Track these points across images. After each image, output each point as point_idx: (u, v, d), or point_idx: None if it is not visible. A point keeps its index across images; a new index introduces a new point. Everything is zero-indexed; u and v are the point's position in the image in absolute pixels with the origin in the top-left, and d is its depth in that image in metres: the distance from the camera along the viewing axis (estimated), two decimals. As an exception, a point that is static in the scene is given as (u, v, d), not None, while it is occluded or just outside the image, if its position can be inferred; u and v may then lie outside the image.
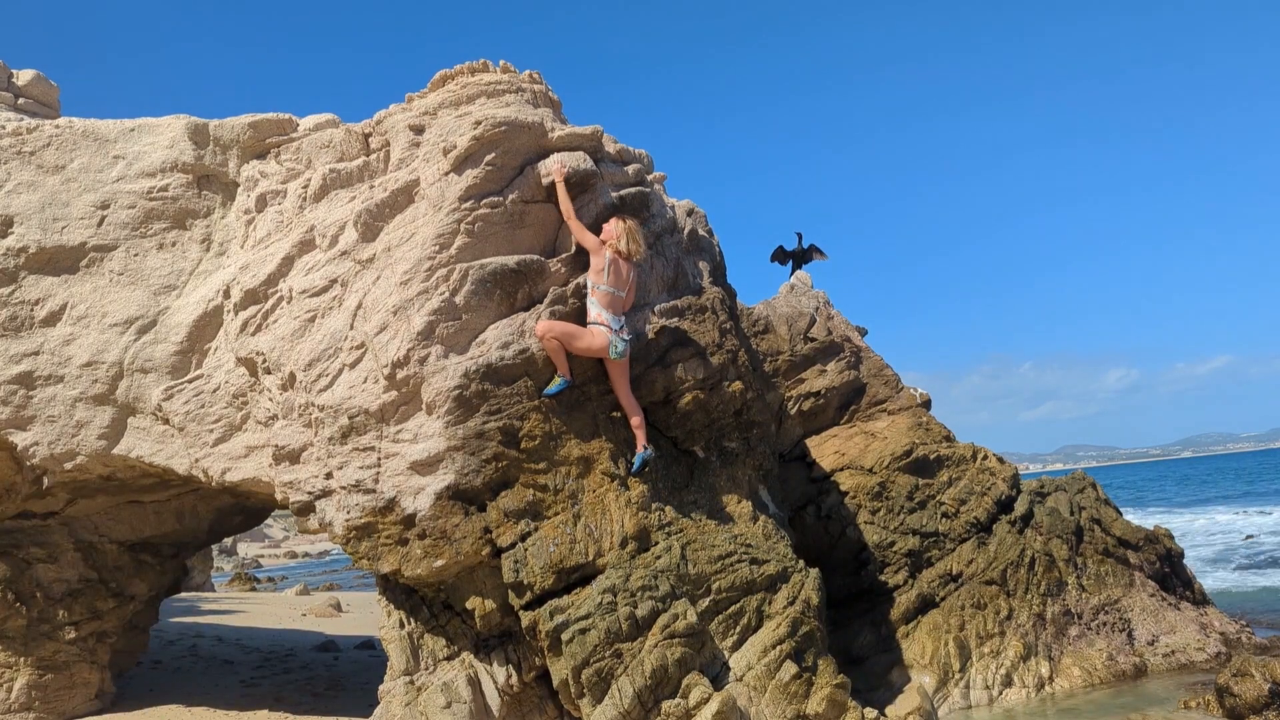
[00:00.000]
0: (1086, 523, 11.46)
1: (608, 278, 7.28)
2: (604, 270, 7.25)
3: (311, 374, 7.38)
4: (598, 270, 7.27)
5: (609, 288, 7.29)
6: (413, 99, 8.23)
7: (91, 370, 8.35)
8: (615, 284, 7.32)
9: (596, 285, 7.28)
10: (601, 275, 7.26)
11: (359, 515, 7.19)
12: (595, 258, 7.28)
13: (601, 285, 7.27)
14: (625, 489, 7.28)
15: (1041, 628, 10.24)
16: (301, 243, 7.95)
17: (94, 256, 8.47)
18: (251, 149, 8.68)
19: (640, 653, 6.65)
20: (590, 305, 7.28)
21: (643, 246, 7.51)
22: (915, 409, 12.20)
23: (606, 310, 7.25)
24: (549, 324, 7.14)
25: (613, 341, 7.21)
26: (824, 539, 10.80)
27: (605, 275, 7.26)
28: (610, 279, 7.29)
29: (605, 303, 7.27)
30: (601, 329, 7.18)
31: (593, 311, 7.26)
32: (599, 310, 7.24)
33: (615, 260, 7.28)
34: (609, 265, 7.26)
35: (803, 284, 13.29)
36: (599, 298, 7.26)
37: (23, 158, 8.55)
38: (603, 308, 7.25)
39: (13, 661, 9.23)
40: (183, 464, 8.35)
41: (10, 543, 9.44)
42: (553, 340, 7.11)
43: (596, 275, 7.28)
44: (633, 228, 7.44)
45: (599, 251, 7.27)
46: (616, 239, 7.35)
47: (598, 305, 7.26)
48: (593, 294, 7.28)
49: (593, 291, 7.28)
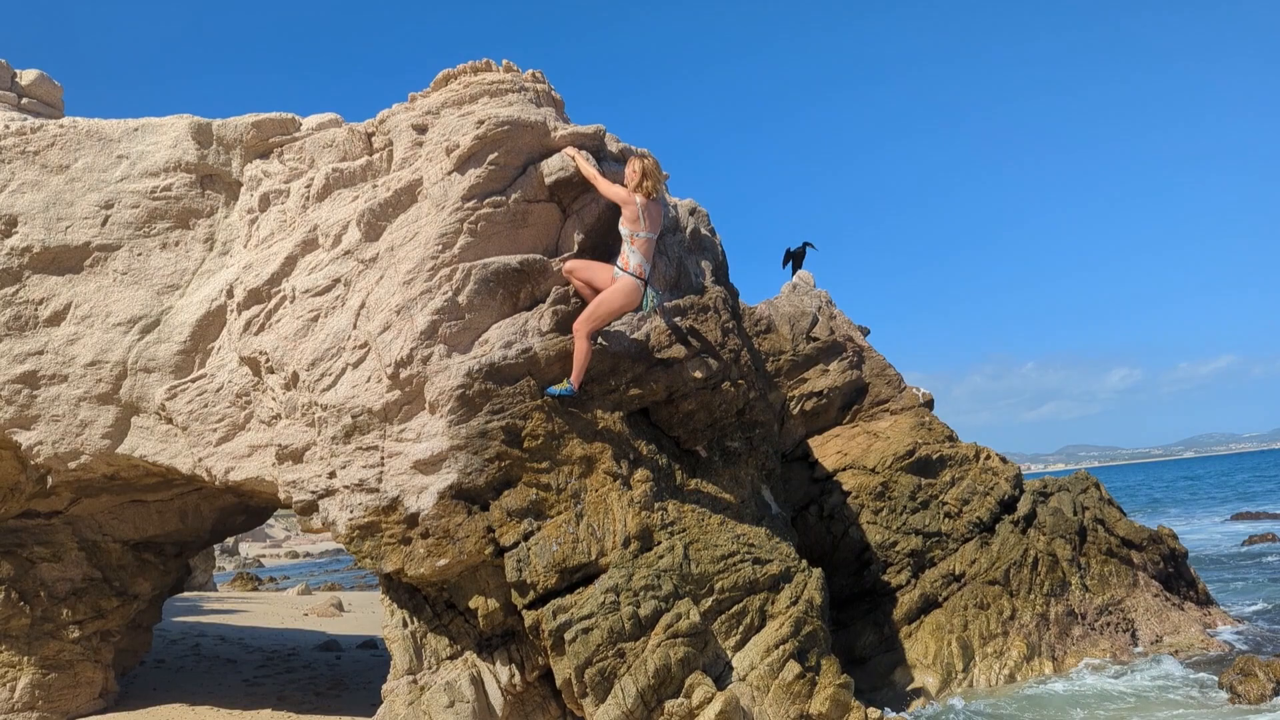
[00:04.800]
0: (1090, 523, 11.46)
1: (645, 224, 7.21)
2: (639, 217, 7.17)
3: (314, 373, 7.39)
4: (633, 219, 7.18)
5: (647, 233, 7.23)
6: (415, 98, 8.23)
7: (95, 370, 8.36)
8: (650, 228, 7.26)
9: (635, 234, 7.19)
10: (638, 223, 7.18)
11: (362, 514, 7.19)
12: (628, 208, 7.18)
13: (640, 233, 7.20)
14: (628, 488, 7.29)
15: (1045, 628, 10.24)
16: (304, 242, 7.95)
17: (98, 256, 8.48)
18: (254, 148, 8.69)
19: (643, 652, 6.65)
20: (630, 255, 7.20)
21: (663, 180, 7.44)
22: (918, 409, 12.20)
23: (645, 258, 7.22)
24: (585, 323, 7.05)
25: (646, 294, 7.21)
26: (826, 539, 10.81)
27: (642, 222, 7.19)
28: (647, 224, 7.22)
29: (645, 249, 7.23)
30: (636, 282, 7.15)
31: (633, 261, 7.18)
32: (639, 260, 7.18)
33: (646, 204, 7.23)
34: (643, 211, 7.19)
35: (805, 284, 13.29)
36: (639, 245, 7.20)
37: (27, 157, 8.55)
38: (643, 256, 7.21)
39: (16, 661, 9.24)
40: (186, 463, 8.36)
41: (14, 542, 9.45)
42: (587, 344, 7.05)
43: (633, 224, 7.19)
44: (650, 165, 7.33)
45: (631, 200, 7.19)
46: (643, 180, 7.22)
47: (638, 254, 7.19)
48: (631, 243, 7.19)
49: (631, 240, 7.19)
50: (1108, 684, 9.20)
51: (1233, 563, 20.65)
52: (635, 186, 7.22)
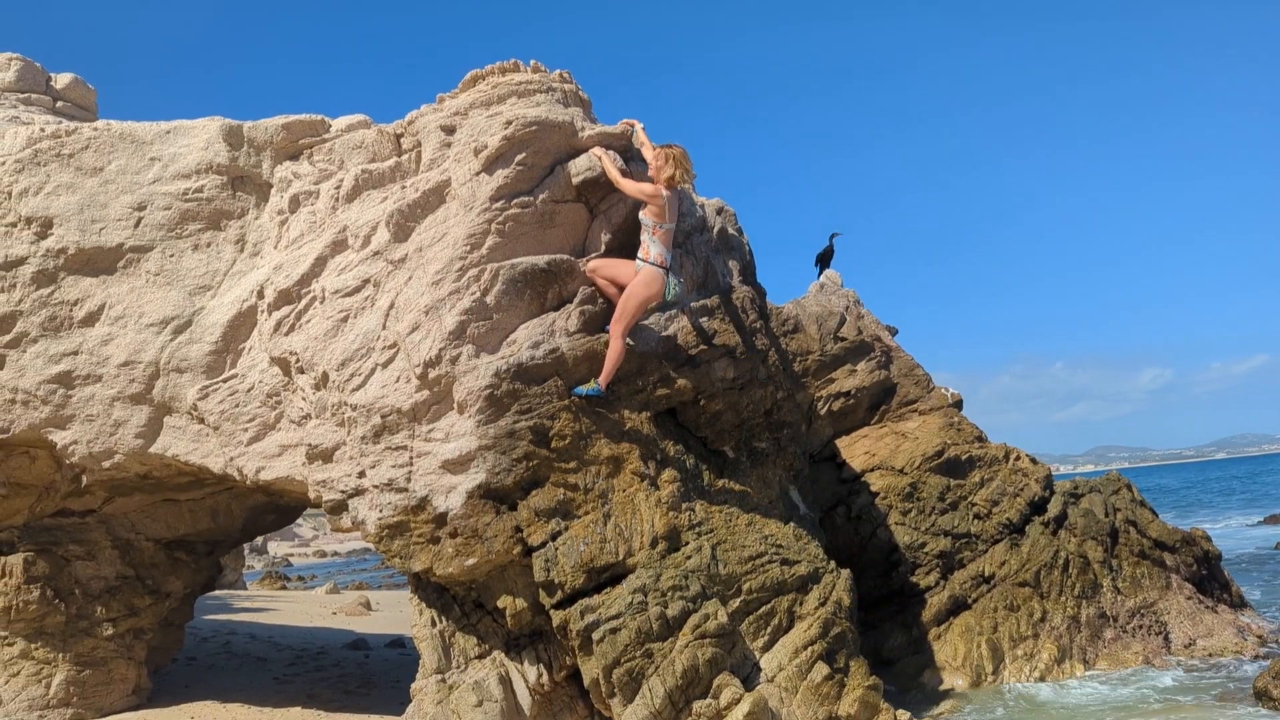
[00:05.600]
0: (1122, 524, 11.34)
1: (669, 215, 7.23)
2: (665, 210, 7.19)
3: (344, 373, 7.44)
4: (658, 211, 7.19)
5: (670, 224, 7.26)
6: (444, 99, 8.27)
7: (129, 370, 8.45)
8: (672, 218, 7.29)
9: (658, 225, 7.20)
10: (663, 215, 7.20)
11: (391, 514, 7.23)
12: (655, 203, 7.19)
13: (663, 224, 7.22)
14: (655, 489, 7.28)
15: (1076, 630, 10.14)
16: (334, 243, 8.01)
17: (131, 257, 8.57)
18: (285, 150, 8.75)
19: (671, 653, 6.65)
20: (651, 246, 7.20)
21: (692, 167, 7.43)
22: (946, 409, 12.11)
23: (666, 248, 7.22)
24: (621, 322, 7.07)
25: (670, 284, 7.21)
26: (854, 540, 10.76)
27: (668, 214, 7.21)
28: (672, 216, 7.25)
29: (666, 239, 7.24)
30: (657, 271, 7.15)
31: (654, 252, 7.19)
32: (660, 250, 7.19)
33: (670, 195, 7.25)
34: (667, 203, 7.21)
35: (832, 283, 13.23)
36: (661, 236, 7.21)
37: (61, 160, 8.66)
38: (664, 245, 7.21)
39: (52, 658, 9.36)
40: (217, 463, 8.43)
41: (50, 540, 9.58)
42: (622, 343, 7.08)
43: (657, 216, 7.19)
44: (679, 154, 7.32)
45: (657, 195, 7.19)
46: (670, 170, 7.24)
47: (659, 244, 7.20)
48: (654, 233, 7.20)
49: (654, 231, 7.20)
50: (1140, 687, 9.10)
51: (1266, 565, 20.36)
52: (660, 177, 7.25)
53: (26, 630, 9.27)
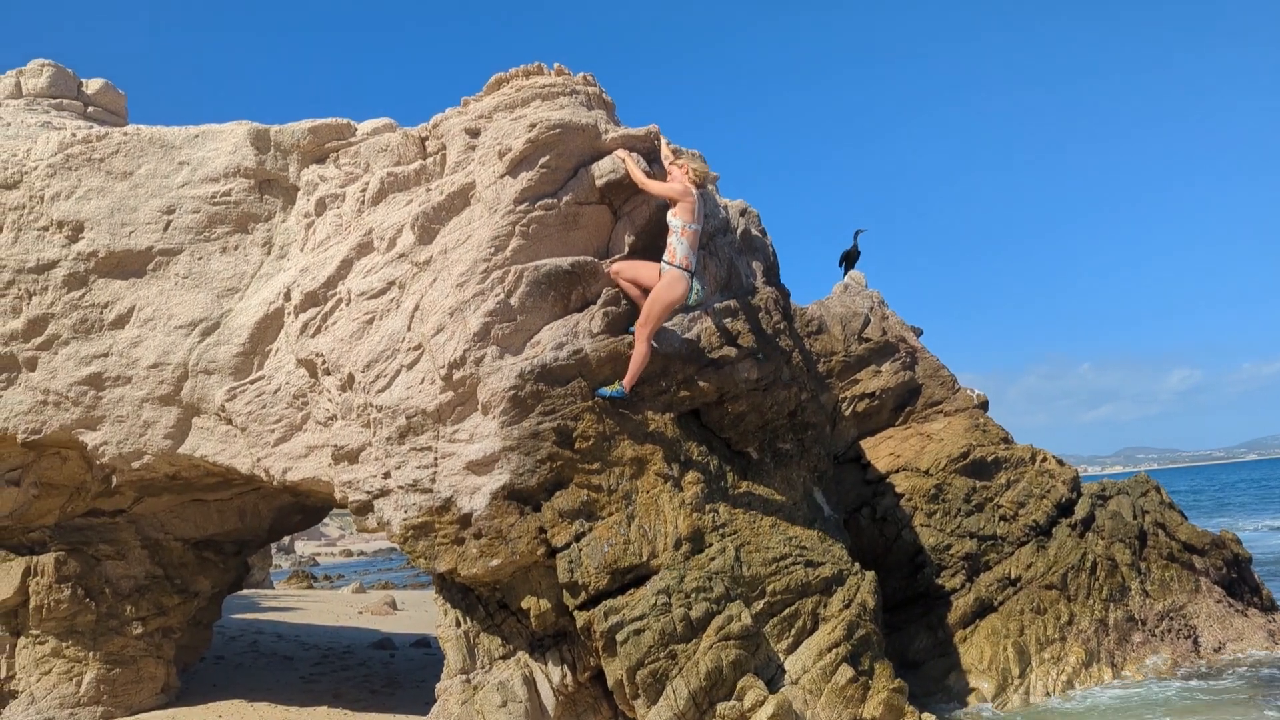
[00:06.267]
0: (1150, 527, 11.22)
1: (697, 216, 7.28)
2: (694, 211, 7.23)
3: (370, 375, 7.48)
4: (687, 211, 7.22)
5: (698, 225, 7.30)
6: (468, 102, 8.30)
7: (158, 371, 8.55)
8: (701, 219, 7.34)
9: (686, 225, 7.23)
10: (692, 215, 7.23)
11: (416, 515, 7.27)
12: (686, 200, 7.22)
13: (692, 224, 7.25)
14: (679, 490, 7.28)
15: (1104, 634, 10.04)
16: (360, 245, 8.06)
17: (160, 260, 8.67)
18: (311, 153, 8.82)
19: (695, 654, 6.65)
20: (678, 247, 7.21)
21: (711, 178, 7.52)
22: (972, 410, 12.03)
23: (692, 249, 7.25)
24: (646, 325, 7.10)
25: (694, 287, 7.22)
26: (879, 541, 10.70)
27: (696, 214, 7.25)
28: (699, 216, 7.30)
29: (693, 242, 7.27)
30: (681, 275, 7.16)
31: (680, 254, 7.19)
32: (686, 250, 7.20)
33: (700, 198, 7.32)
34: (697, 204, 7.27)
35: (857, 284, 13.17)
36: (689, 237, 7.23)
37: (92, 165, 8.77)
38: (690, 247, 7.23)
39: (82, 656, 9.48)
40: (245, 463, 8.51)
41: (81, 540, 9.70)
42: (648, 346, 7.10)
43: (687, 216, 7.22)
44: (694, 155, 7.46)
45: (689, 193, 7.24)
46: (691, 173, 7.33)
47: (685, 244, 7.21)
48: (682, 234, 7.22)
49: (682, 232, 7.22)
50: (1169, 692, 9.00)
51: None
52: (690, 179, 7.31)
53: (58, 629, 9.40)
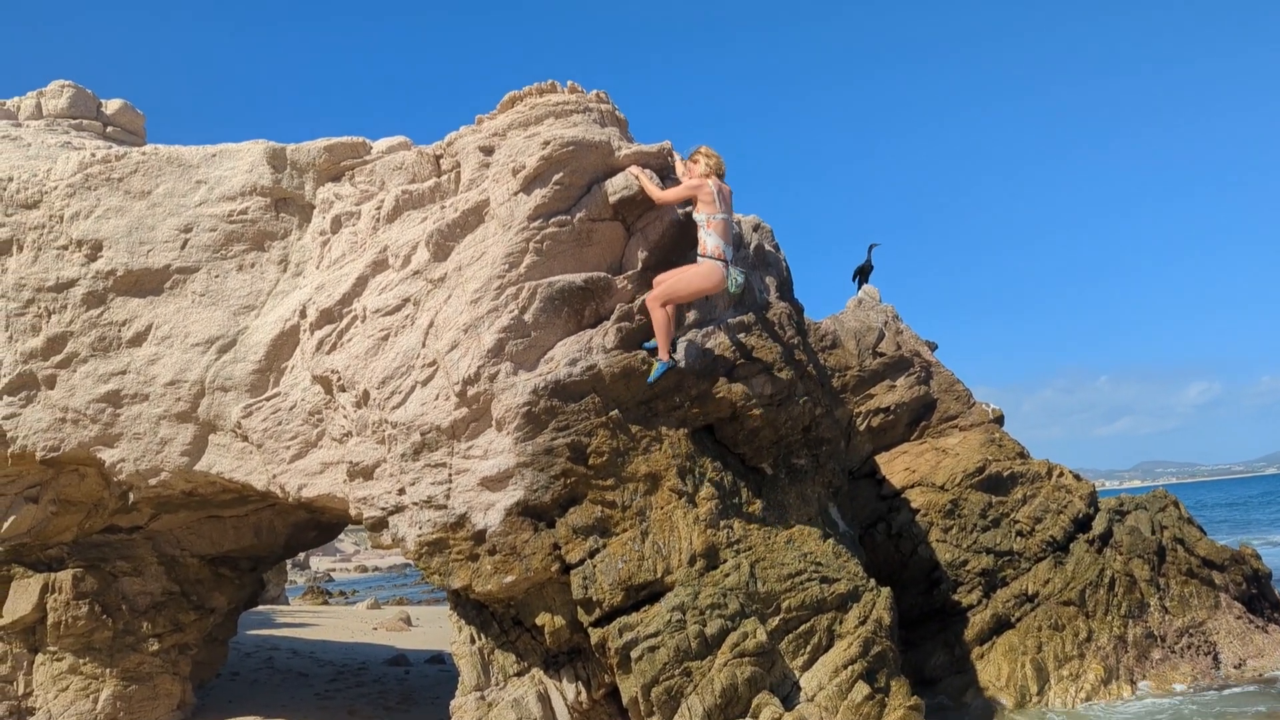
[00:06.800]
0: (1169, 542, 11.14)
1: (719, 205, 7.29)
2: (714, 199, 7.25)
3: (385, 391, 7.51)
4: (708, 202, 7.25)
5: (723, 214, 7.31)
6: (482, 120, 8.35)
7: (175, 389, 8.60)
8: (726, 208, 7.35)
9: (711, 217, 7.26)
10: (714, 205, 7.25)
11: (430, 531, 7.29)
12: (702, 192, 7.26)
13: (716, 215, 7.27)
14: (693, 506, 7.28)
15: (1123, 650, 9.96)
16: (375, 263, 8.10)
17: (177, 278, 8.73)
18: (327, 172, 8.88)
19: (710, 671, 6.63)
20: (707, 239, 7.24)
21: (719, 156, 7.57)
22: (987, 425, 11.99)
23: (723, 240, 7.26)
24: (656, 293, 7.19)
25: (730, 276, 7.23)
26: (895, 557, 10.66)
27: (717, 204, 7.27)
28: (721, 205, 7.31)
29: (722, 231, 7.28)
30: (716, 264, 7.18)
31: (710, 244, 7.23)
32: (716, 241, 7.23)
33: (718, 186, 7.32)
34: (717, 193, 7.28)
35: (871, 298, 13.16)
36: (715, 228, 7.25)
37: (111, 184, 8.85)
38: (720, 238, 7.25)
39: (99, 673, 9.52)
40: (261, 480, 8.55)
41: (98, 556, 9.75)
42: (662, 311, 7.15)
43: (709, 208, 7.26)
44: (705, 150, 7.48)
45: (702, 186, 7.27)
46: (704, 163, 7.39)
47: (715, 236, 7.24)
48: (708, 226, 7.25)
49: (708, 224, 7.25)
50: (1190, 708, 8.91)
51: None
52: (704, 172, 7.36)
53: (75, 646, 9.44)
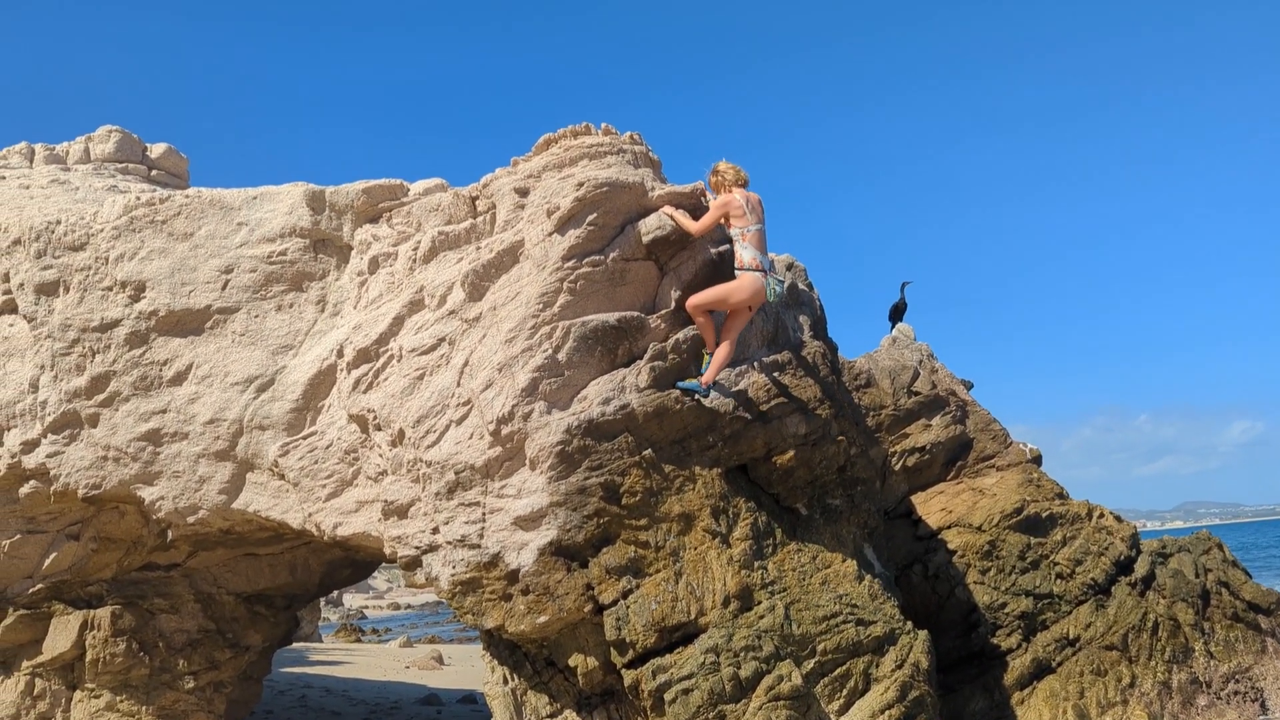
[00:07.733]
0: (1213, 585, 10.89)
1: (751, 216, 7.37)
2: (744, 211, 7.33)
3: (420, 430, 7.57)
4: (739, 215, 7.34)
5: (756, 225, 7.39)
6: (518, 162, 8.47)
7: (214, 427, 8.72)
8: (757, 218, 7.42)
9: (745, 229, 7.34)
10: (745, 217, 7.34)
11: (464, 570, 7.29)
12: (732, 207, 7.35)
13: (750, 226, 7.35)
14: (727, 546, 7.23)
15: (1167, 696, 9.72)
16: (411, 303, 8.20)
17: (218, 319, 8.89)
18: (365, 213, 9.02)
19: (744, 715, 6.55)
20: (743, 251, 7.33)
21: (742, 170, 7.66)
22: (1025, 465, 11.83)
23: (759, 250, 7.33)
24: (697, 299, 7.30)
25: (769, 285, 7.29)
26: (932, 599, 10.50)
27: (748, 215, 7.35)
28: (753, 216, 7.38)
29: (756, 241, 7.35)
30: (754, 275, 7.25)
31: (746, 256, 7.31)
32: (753, 253, 7.30)
33: (745, 197, 7.40)
34: (746, 204, 7.35)
35: (905, 337, 13.09)
36: (751, 239, 7.33)
37: (155, 226, 9.06)
38: (756, 248, 7.32)
39: (136, 710, 9.58)
40: (297, 518, 8.62)
41: (136, 594, 9.85)
42: (702, 317, 7.28)
43: (740, 220, 7.35)
44: (723, 164, 7.58)
45: (731, 201, 7.36)
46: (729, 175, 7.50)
47: (750, 248, 7.32)
48: (744, 239, 7.33)
49: (743, 237, 7.34)
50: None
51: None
52: (727, 187, 7.48)
53: (113, 683, 9.51)
